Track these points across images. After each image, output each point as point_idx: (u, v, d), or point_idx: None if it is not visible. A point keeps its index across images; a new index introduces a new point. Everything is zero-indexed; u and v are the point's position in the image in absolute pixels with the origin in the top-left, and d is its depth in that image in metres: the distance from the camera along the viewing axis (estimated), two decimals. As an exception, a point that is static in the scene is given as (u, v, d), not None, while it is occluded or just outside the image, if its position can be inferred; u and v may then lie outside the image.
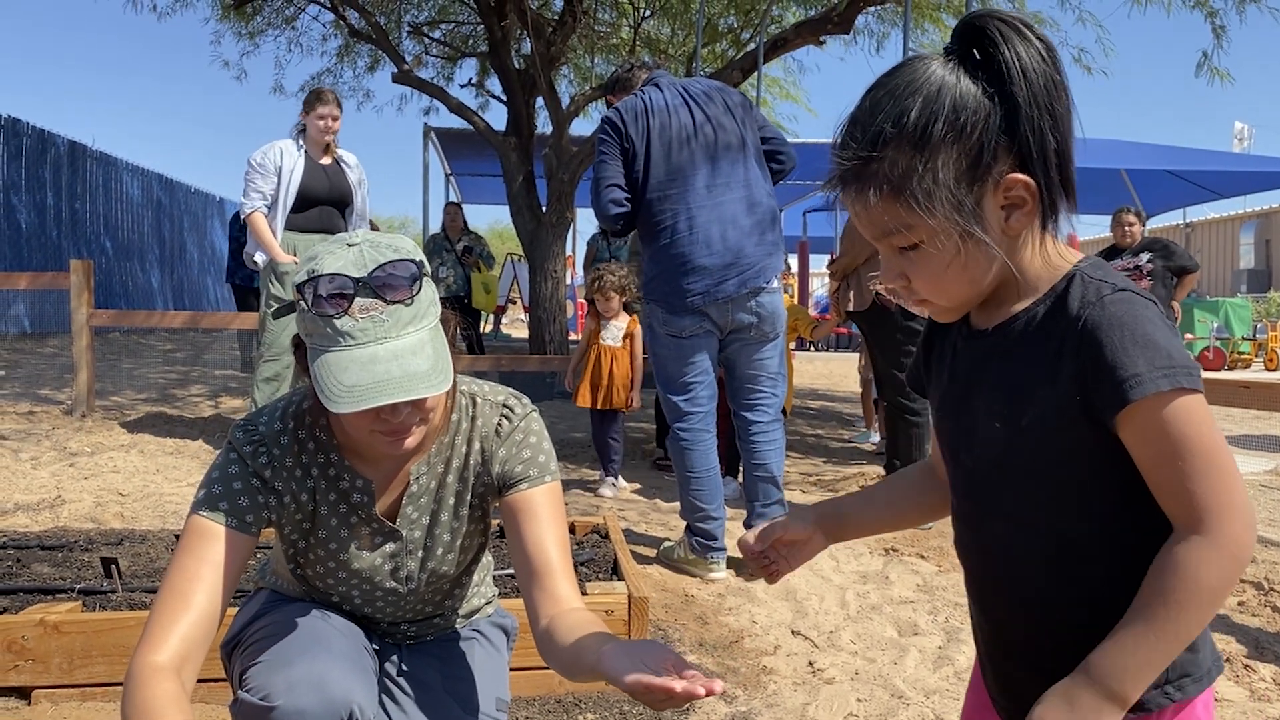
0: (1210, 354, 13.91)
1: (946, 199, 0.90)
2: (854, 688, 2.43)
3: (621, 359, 4.91)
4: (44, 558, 2.95)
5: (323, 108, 5.02)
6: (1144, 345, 0.87)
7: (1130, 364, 0.86)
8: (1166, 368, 0.86)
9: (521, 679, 2.25)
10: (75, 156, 14.10)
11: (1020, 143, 0.90)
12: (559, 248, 8.65)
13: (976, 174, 0.91)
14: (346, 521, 1.48)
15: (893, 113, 0.91)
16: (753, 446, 3.45)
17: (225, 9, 9.50)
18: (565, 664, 1.30)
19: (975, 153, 0.90)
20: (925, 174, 0.90)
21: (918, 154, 0.90)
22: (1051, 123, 0.91)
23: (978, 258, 0.93)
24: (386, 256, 1.30)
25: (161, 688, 1.21)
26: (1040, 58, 0.91)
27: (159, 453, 5.27)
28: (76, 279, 6.20)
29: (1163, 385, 0.86)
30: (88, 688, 2.28)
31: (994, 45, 0.90)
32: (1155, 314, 0.89)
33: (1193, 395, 0.87)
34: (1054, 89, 0.91)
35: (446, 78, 11.09)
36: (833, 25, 7.62)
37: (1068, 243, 1.02)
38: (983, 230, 0.92)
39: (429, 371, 1.27)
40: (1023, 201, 0.92)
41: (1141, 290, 0.91)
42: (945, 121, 0.89)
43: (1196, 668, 0.94)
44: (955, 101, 0.90)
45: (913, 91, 0.91)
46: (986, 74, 0.91)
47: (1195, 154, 14.12)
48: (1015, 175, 0.91)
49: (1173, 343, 0.88)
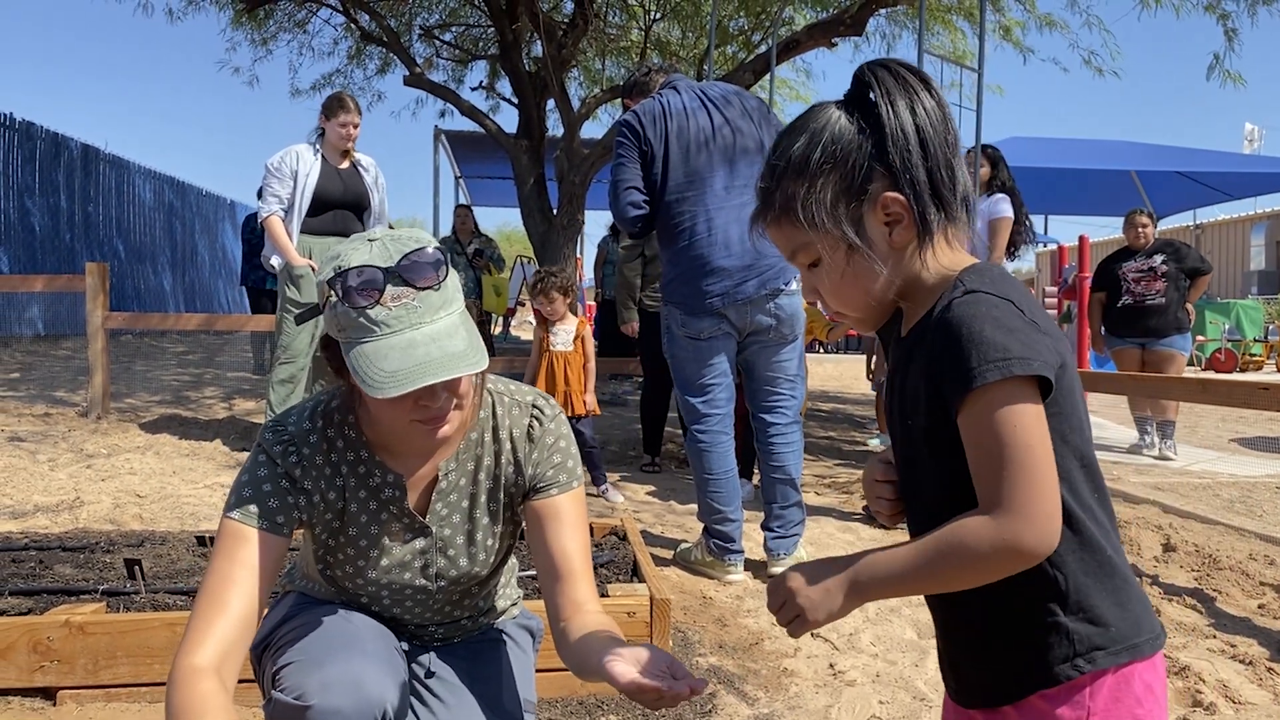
0: (1222, 356, 13.84)
1: (828, 217, 1.05)
2: (875, 690, 2.42)
3: (575, 363, 4.74)
4: (66, 559, 2.97)
5: (344, 115, 5.04)
6: (977, 342, 0.95)
7: (964, 360, 0.96)
8: (998, 360, 0.94)
9: (544, 680, 2.25)
10: (88, 160, 14.17)
11: (891, 167, 1.03)
12: (570, 250, 8.65)
13: (853, 194, 1.05)
14: (377, 518, 1.48)
15: (786, 150, 1.08)
16: (771, 448, 3.45)
17: (238, 13, 9.53)
18: (577, 664, 1.35)
19: (851, 176, 1.04)
20: (809, 197, 1.05)
21: (803, 180, 1.06)
22: (922, 152, 1.03)
23: (866, 270, 1.06)
24: (410, 246, 1.32)
25: (201, 687, 1.22)
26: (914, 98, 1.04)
27: (175, 454, 5.29)
28: (92, 281, 6.23)
29: (990, 376, 0.94)
30: (112, 688, 2.30)
31: (871, 88, 1.05)
32: (998, 311, 0.97)
33: (1021, 385, 0.94)
34: (927, 127, 1.04)
35: (457, 80, 11.12)
36: (845, 27, 7.62)
37: (1078, 244, 1.07)
38: (866, 244, 1.05)
39: (467, 351, 1.29)
40: (900, 217, 1.04)
41: (994, 289, 0.99)
42: (823, 150, 1.05)
43: (1111, 640, 1.00)
44: (833, 134, 1.05)
45: (802, 131, 1.07)
46: (861, 112, 1.06)
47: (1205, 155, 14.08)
48: (890, 194, 1.04)
49: (1011, 336, 0.95)
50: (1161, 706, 1.04)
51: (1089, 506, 1.02)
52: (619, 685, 1.16)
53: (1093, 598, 1.00)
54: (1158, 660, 1.04)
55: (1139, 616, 1.03)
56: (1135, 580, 1.05)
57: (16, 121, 12.43)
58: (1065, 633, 1.00)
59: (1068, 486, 1.00)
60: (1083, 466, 1.02)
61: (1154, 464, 6.21)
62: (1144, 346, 6.54)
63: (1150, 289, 6.47)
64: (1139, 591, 1.05)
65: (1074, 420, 1.02)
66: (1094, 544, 1.01)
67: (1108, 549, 1.02)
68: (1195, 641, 2.83)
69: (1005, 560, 0.95)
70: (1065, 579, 1.00)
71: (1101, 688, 1.00)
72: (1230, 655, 2.71)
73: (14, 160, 12.38)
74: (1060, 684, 1.00)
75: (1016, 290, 1.01)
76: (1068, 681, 0.99)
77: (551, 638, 1.46)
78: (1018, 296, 1.00)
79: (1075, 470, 1.01)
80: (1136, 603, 1.03)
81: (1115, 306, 6.61)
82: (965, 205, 1.07)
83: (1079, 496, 1.01)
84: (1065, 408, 1.00)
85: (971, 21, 9.25)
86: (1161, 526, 4.15)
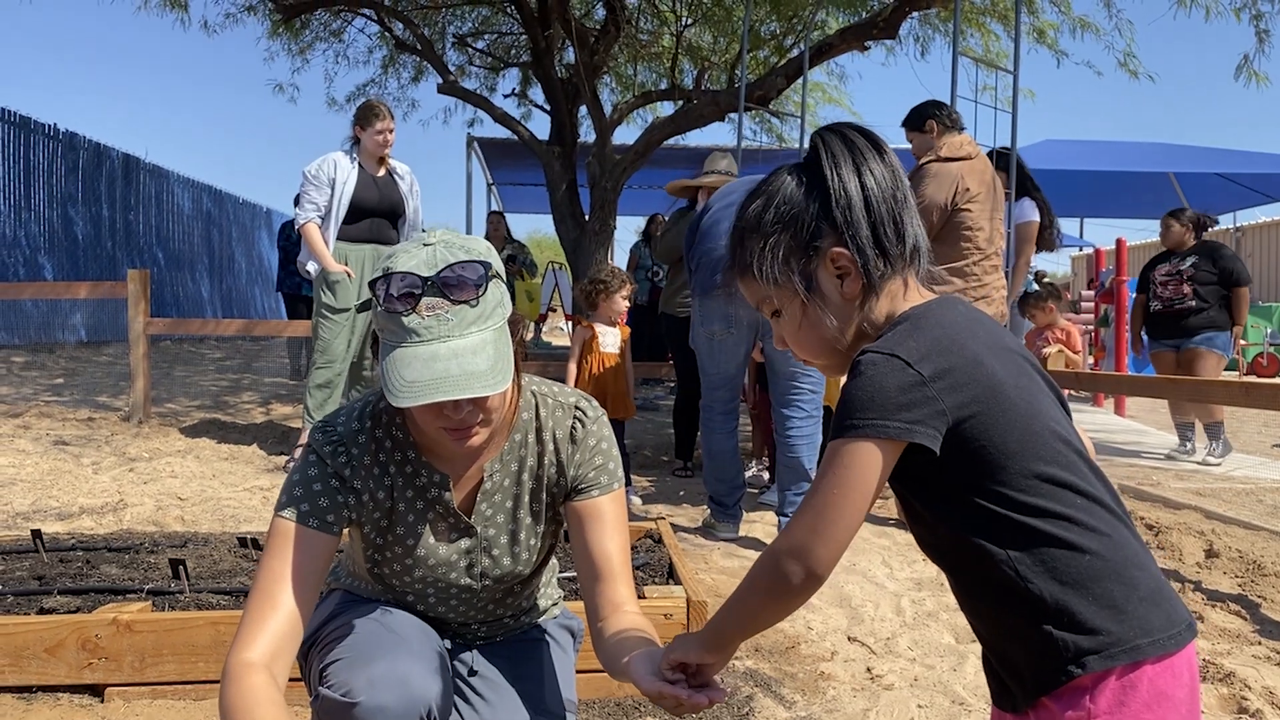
0: (1264, 360, 13.60)
1: (780, 272, 1.14)
2: (914, 694, 2.41)
3: (621, 366, 4.74)
4: (112, 559, 3.02)
5: (380, 123, 5.09)
6: (844, 402, 1.05)
7: (836, 417, 1.06)
8: (844, 418, 1.04)
9: (582, 681, 2.26)
10: (129, 169, 14.44)
11: (835, 225, 1.12)
12: (602, 255, 8.68)
13: (805, 251, 1.13)
14: (424, 518, 1.50)
15: (746, 211, 1.18)
16: (788, 440, 3.79)
17: (275, 23, 9.67)
18: (609, 662, 1.37)
19: (800, 234, 1.13)
20: (764, 254, 1.15)
21: (759, 239, 1.16)
22: (865, 212, 1.12)
23: (820, 319, 1.15)
24: (457, 257, 1.33)
25: (252, 681, 1.25)
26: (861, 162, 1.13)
27: (214, 458, 5.37)
28: (134, 288, 6.35)
29: (839, 433, 1.05)
30: (158, 685, 2.34)
31: (818, 153, 1.14)
32: (874, 370, 1.04)
33: (854, 442, 1.03)
34: (873, 188, 1.12)
35: (490, 88, 11.19)
36: (878, 30, 7.59)
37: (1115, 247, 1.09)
38: (820, 296, 1.14)
39: (487, 371, 1.29)
40: (848, 270, 1.13)
41: (884, 348, 1.06)
42: (775, 211, 1.15)
43: (1101, 645, 1.01)
44: (784, 196, 1.15)
45: (761, 195, 1.18)
46: (810, 176, 1.15)
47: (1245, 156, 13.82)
48: (836, 249, 1.12)
49: (863, 392, 1.03)
50: (1180, 713, 1.02)
51: (1061, 517, 1.04)
52: (641, 688, 1.20)
53: (1074, 606, 1.02)
54: (1175, 663, 1.02)
55: (1145, 617, 1.03)
56: (1145, 581, 1.05)
57: (60, 132, 12.70)
58: (1052, 641, 1.02)
59: (1026, 503, 1.03)
60: (1046, 481, 1.04)
61: (1195, 469, 6.11)
62: (1178, 349, 6.42)
63: (1177, 293, 6.36)
64: (1148, 592, 1.04)
65: (1011, 444, 1.04)
66: (1064, 554, 1.03)
67: (1085, 556, 1.03)
68: (1240, 648, 2.79)
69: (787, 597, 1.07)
70: (1041, 593, 1.03)
71: (1103, 691, 1.00)
72: (1276, 662, 2.67)
73: (58, 170, 12.65)
74: (1060, 687, 1.02)
75: (922, 336, 1.06)
76: (1068, 684, 1.02)
77: (590, 637, 1.48)
78: (913, 346, 1.05)
79: (1036, 486, 1.04)
80: (1141, 603, 1.03)
81: (1149, 310, 6.53)
82: (915, 255, 1.15)
83: (1043, 511, 1.04)
84: (983, 440, 1.04)
85: (1005, 24, 9.17)
86: (1204, 532, 4.09)
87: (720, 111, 8.63)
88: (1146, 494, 5.06)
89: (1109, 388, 7.03)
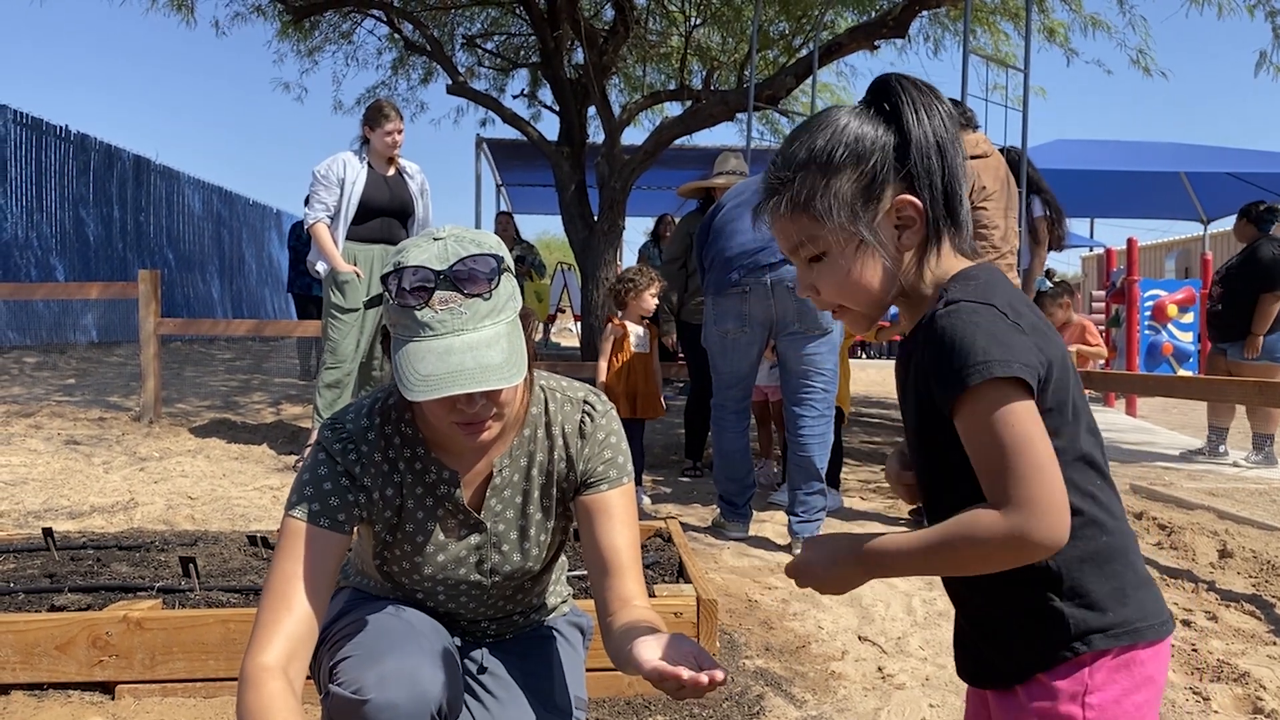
0: None
1: (844, 211, 1.07)
2: (925, 693, 2.40)
3: (650, 365, 4.73)
4: (122, 557, 3.03)
5: (389, 123, 5.10)
6: (957, 349, 0.99)
7: (947, 368, 0.99)
8: (978, 364, 0.97)
9: (592, 679, 2.25)
10: (140, 171, 14.49)
11: (911, 172, 1.07)
12: (611, 255, 8.68)
13: (871, 193, 1.07)
14: (433, 514, 1.50)
15: (806, 143, 1.10)
16: (799, 439, 3.75)
17: (285, 24, 9.70)
18: (615, 654, 1.36)
19: (870, 176, 1.07)
20: (827, 191, 1.07)
21: (822, 175, 1.08)
22: (940, 160, 1.07)
23: (873, 266, 1.09)
24: (469, 250, 1.33)
25: (269, 687, 1.24)
26: (932, 110, 1.08)
27: (224, 458, 5.39)
28: (145, 288, 6.37)
29: (972, 380, 0.97)
30: (169, 683, 2.34)
31: (896, 96, 1.08)
32: (977, 316, 1.00)
33: (1005, 385, 0.97)
34: (944, 137, 1.08)
35: (499, 89, 11.20)
36: (887, 29, 7.57)
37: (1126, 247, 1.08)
38: (876, 240, 1.08)
39: (502, 364, 1.29)
40: (912, 221, 1.08)
41: (974, 296, 1.02)
42: (845, 148, 1.07)
43: (1108, 624, 1.02)
44: (856, 134, 1.08)
45: (823, 128, 1.10)
46: (885, 117, 1.09)
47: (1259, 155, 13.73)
48: (905, 197, 1.08)
49: (991, 339, 0.98)
50: (1158, 697, 1.06)
51: (1088, 494, 1.04)
52: (642, 671, 1.18)
53: (1088, 583, 1.03)
54: (1162, 649, 1.06)
55: (1142, 601, 1.05)
56: (1141, 567, 1.08)
57: (72, 134, 12.75)
58: (1061, 617, 1.03)
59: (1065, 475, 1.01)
60: (1078, 458, 1.05)
61: (1208, 469, 6.07)
62: (1224, 353, 6.30)
63: (1216, 294, 6.32)
64: (1144, 577, 1.07)
65: (1066, 414, 1.04)
66: (1090, 531, 1.04)
67: (1104, 535, 1.04)
68: (1254, 648, 2.76)
69: (1016, 553, 0.97)
70: (1059, 565, 1.02)
71: (1101, 668, 1.03)
72: (1292, 663, 2.64)
73: (69, 171, 12.70)
74: (1061, 663, 1.03)
75: (1001, 293, 1.04)
76: (1068, 661, 1.03)
77: (599, 633, 1.47)
78: (1001, 300, 1.03)
79: (1070, 462, 1.03)
80: (1139, 588, 1.06)
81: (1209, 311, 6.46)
82: (968, 218, 1.11)
83: (1074, 485, 1.03)
84: (1054, 403, 1.03)
85: (1016, 23, 9.15)
86: (1217, 532, 4.06)
87: (729, 111, 8.62)
88: (1159, 494, 5.02)
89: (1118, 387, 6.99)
